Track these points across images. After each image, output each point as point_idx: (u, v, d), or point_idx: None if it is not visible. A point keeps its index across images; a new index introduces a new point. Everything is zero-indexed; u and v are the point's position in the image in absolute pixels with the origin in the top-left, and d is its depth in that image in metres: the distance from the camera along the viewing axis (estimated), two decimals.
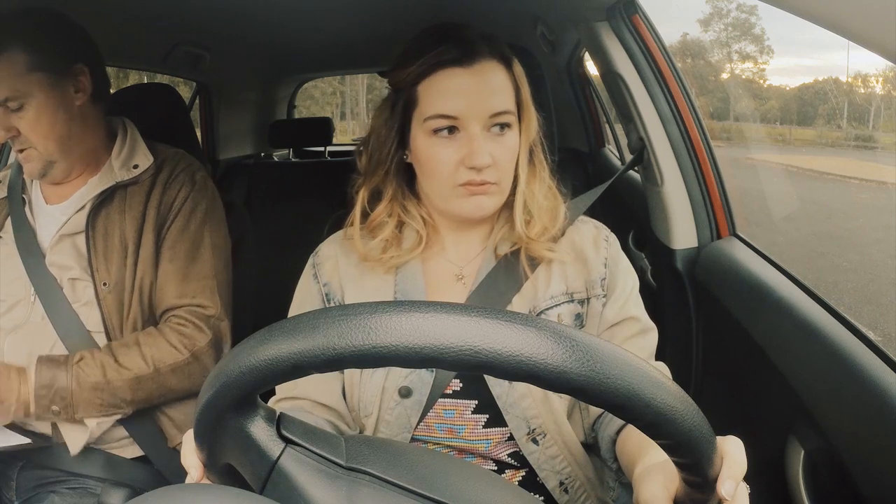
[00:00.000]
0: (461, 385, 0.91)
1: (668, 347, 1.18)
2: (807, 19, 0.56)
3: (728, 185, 1.46)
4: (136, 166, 1.25)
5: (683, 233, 1.46)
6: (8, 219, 1.25)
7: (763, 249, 1.32)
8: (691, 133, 1.45)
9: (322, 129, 3.22)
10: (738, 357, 1.24)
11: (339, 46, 2.51)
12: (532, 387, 0.88)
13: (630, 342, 0.92)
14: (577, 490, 0.92)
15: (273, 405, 0.91)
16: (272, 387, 0.53)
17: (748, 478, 0.55)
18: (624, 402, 0.46)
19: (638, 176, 1.65)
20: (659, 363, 0.93)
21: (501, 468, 0.93)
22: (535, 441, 0.90)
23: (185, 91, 2.80)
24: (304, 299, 0.97)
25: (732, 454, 0.53)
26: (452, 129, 0.86)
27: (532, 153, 0.93)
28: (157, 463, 1.23)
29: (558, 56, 2.11)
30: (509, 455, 0.92)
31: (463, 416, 0.91)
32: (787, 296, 1.12)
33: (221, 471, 0.59)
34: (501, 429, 0.91)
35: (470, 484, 0.59)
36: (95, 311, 1.19)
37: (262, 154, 3.20)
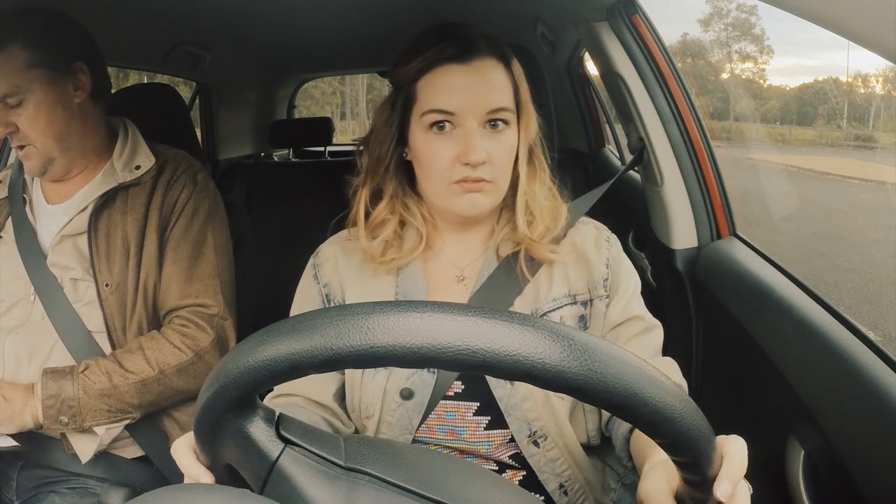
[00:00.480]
0: (463, 387, 0.91)
1: (669, 347, 1.17)
2: (807, 19, 0.55)
3: (728, 185, 1.46)
4: (139, 167, 1.25)
5: (683, 233, 1.46)
6: (8, 219, 1.25)
7: (763, 249, 1.32)
8: (691, 133, 1.45)
9: (322, 129, 3.22)
10: (738, 357, 1.24)
11: (339, 46, 2.51)
12: (534, 389, 0.88)
13: (635, 340, 0.92)
14: (577, 492, 0.92)
15: (268, 402, 0.91)
16: (271, 387, 0.53)
17: (748, 477, 0.55)
18: (622, 402, 0.46)
19: (638, 176, 1.65)
20: (666, 359, 0.92)
21: (502, 469, 0.93)
22: (536, 443, 0.90)
23: (185, 91, 2.80)
24: (305, 300, 0.97)
25: (732, 454, 0.53)
26: (449, 125, 0.86)
27: (532, 153, 0.93)
28: (158, 463, 1.23)
29: (558, 56, 2.11)
30: (510, 457, 0.92)
31: (464, 418, 0.91)
32: (787, 296, 1.12)
33: (221, 471, 0.59)
34: (503, 431, 0.91)
35: (469, 484, 0.59)
36: (97, 312, 1.19)
37: (262, 154, 3.20)
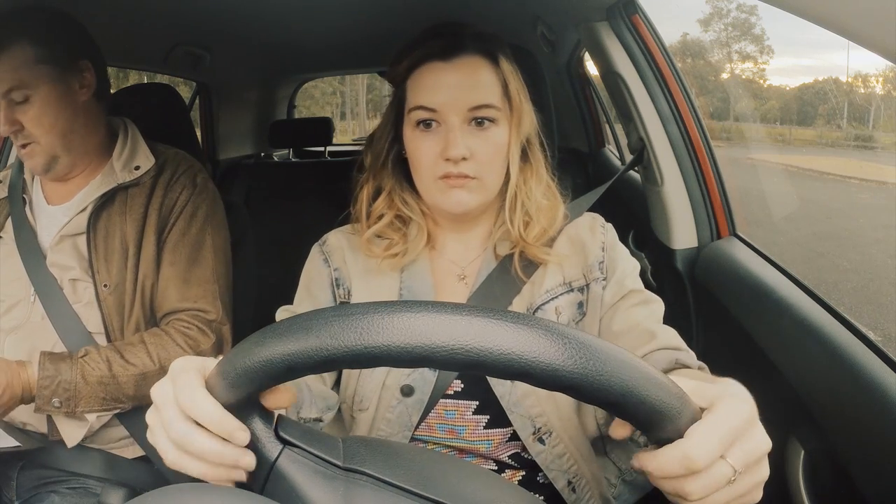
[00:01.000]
0: (462, 386, 0.91)
1: None
2: (807, 19, 0.55)
3: (728, 185, 1.46)
4: (138, 167, 1.25)
5: (683, 233, 1.45)
6: (8, 219, 1.25)
7: (763, 249, 1.32)
8: (691, 133, 1.44)
9: (322, 129, 3.22)
10: (738, 357, 1.24)
11: (339, 46, 2.51)
12: None
13: (634, 310, 0.91)
14: (584, 488, 0.92)
15: None
16: (268, 388, 0.53)
17: None
18: (618, 399, 0.46)
19: (638, 176, 1.65)
20: (669, 329, 0.88)
21: (501, 469, 0.93)
22: (542, 440, 0.90)
23: (185, 91, 2.80)
24: (312, 281, 0.97)
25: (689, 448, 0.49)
26: (433, 123, 0.88)
27: (527, 151, 0.93)
28: (158, 463, 1.22)
29: (558, 56, 2.11)
30: (510, 456, 0.92)
31: (464, 417, 0.91)
32: (787, 296, 1.12)
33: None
34: (503, 429, 0.91)
35: (468, 483, 0.59)
36: (95, 312, 1.19)
37: (262, 154, 3.20)
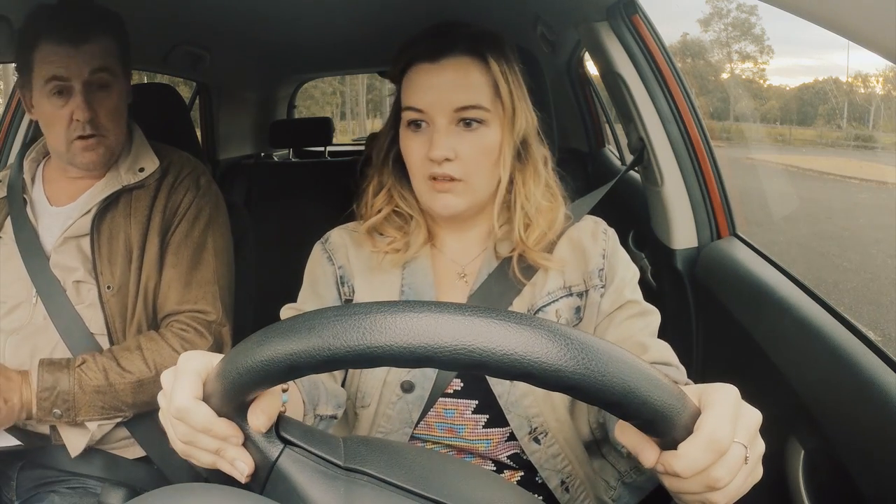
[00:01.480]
0: (462, 385, 0.91)
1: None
2: (807, 19, 0.55)
3: (728, 185, 1.46)
4: (142, 170, 1.25)
5: (683, 233, 1.45)
6: (7, 220, 1.24)
7: (763, 249, 1.32)
8: (691, 133, 1.44)
9: (322, 129, 3.22)
10: (738, 357, 1.24)
11: (339, 46, 2.51)
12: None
13: (630, 322, 0.91)
14: (578, 489, 0.92)
15: None
16: (270, 387, 0.53)
17: None
18: (620, 400, 0.46)
19: (638, 176, 1.65)
20: (662, 342, 0.90)
21: (500, 469, 0.93)
22: (537, 440, 0.90)
23: (185, 91, 2.80)
24: (317, 279, 0.97)
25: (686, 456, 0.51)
26: (422, 123, 0.88)
27: (524, 151, 0.92)
28: (159, 463, 1.23)
29: (558, 56, 2.11)
30: (508, 457, 0.93)
31: (463, 416, 0.91)
32: (787, 296, 1.12)
33: (221, 471, 0.59)
34: (501, 429, 0.91)
35: (468, 484, 0.59)
36: (98, 314, 1.18)
37: (262, 154, 3.20)
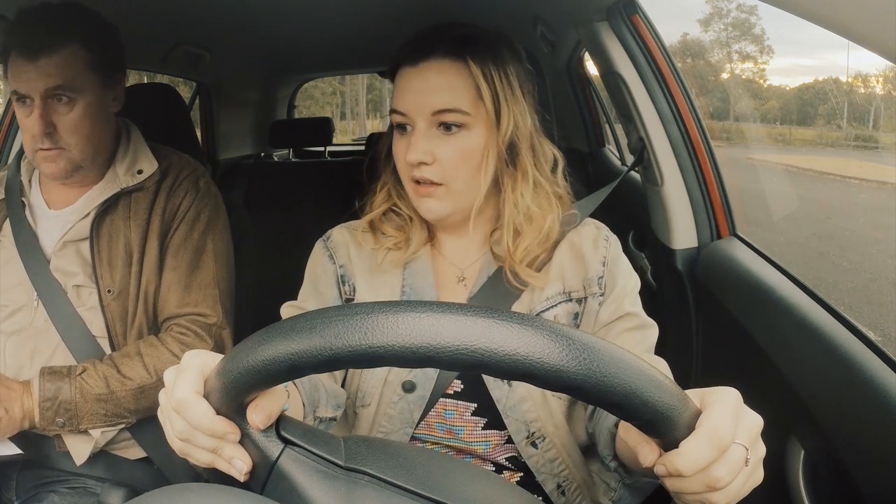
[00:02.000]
0: (462, 386, 0.91)
1: (668, 347, 1.17)
2: (807, 19, 0.55)
3: (728, 185, 1.46)
4: (141, 171, 1.23)
5: (683, 233, 1.45)
6: (6, 222, 1.23)
7: (763, 249, 1.32)
8: (691, 133, 1.44)
9: (322, 129, 3.22)
10: (738, 357, 1.24)
11: (339, 46, 2.51)
12: (532, 390, 0.88)
13: (627, 335, 0.90)
14: (574, 492, 0.92)
15: None
16: (271, 387, 0.53)
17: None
18: (621, 401, 0.46)
19: (638, 176, 1.65)
20: (657, 358, 0.90)
21: (499, 471, 0.93)
22: (535, 444, 0.90)
23: (185, 91, 2.80)
24: (318, 278, 0.97)
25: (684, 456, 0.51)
26: (407, 126, 0.88)
27: (513, 156, 0.89)
28: (160, 463, 1.23)
29: (558, 56, 2.11)
30: (507, 459, 0.93)
31: (463, 417, 0.91)
32: (787, 296, 1.12)
33: (221, 471, 0.59)
34: (500, 431, 0.91)
35: (469, 484, 0.59)
36: (99, 317, 1.18)
37: (262, 154, 3.20)
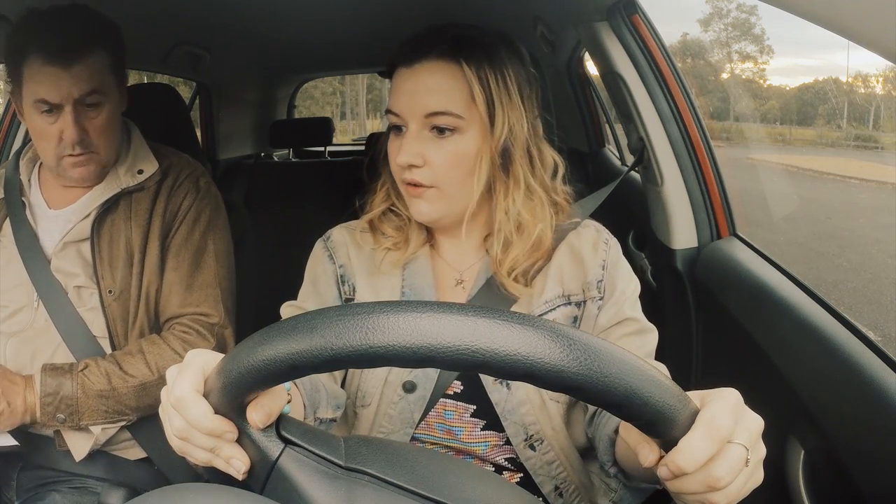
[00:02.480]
0: (462, 387, 0.91)
1: (668, 347, 1.17)
2: (807, 19, 0.55)
3: (728, 185, 1.46)
4: (141, 172, 1.24)
5: (683, 233, 1.45)
6: (6, 222, 1.22)
7: (763, 249, 1.32)
8: (691, 133, 1.44)
9: (322, 129, 3.22)
10: (738, 357, 1.24)
11: (339, 46, 2.51)
12: (531, 393, 0.88)
13: (626, 340, 0.90)
14: (572, 494, 0.92)
15: None
16: (271, 387, 0.53)
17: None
18: (622, 401, 0.46)
19: (638, 176, 1.65)
20: (657, 363, 0.89)
21: (498, 472, 0.93)
22: (533, 447, 0.90)
23: (185, 91, 2.80)
24: (318, 278, 0.97)
25: (684, 450, 0.51)
26: (402, 127, 0.88)
27: (507, 161, 0.87)
28: (159, 463, 1.23)
29: (558, 56, 2.11)
30: (506, 460, 0.93)
31: (462, 419, 0.92)
32: (787, 296, 1.12)
33: (219, 473, 0.59)
34: (499, 433, 0.91)
35: (469, 484, 0.59)
36: (100, 317, 1.18)
37: (262, 154, 3.20)
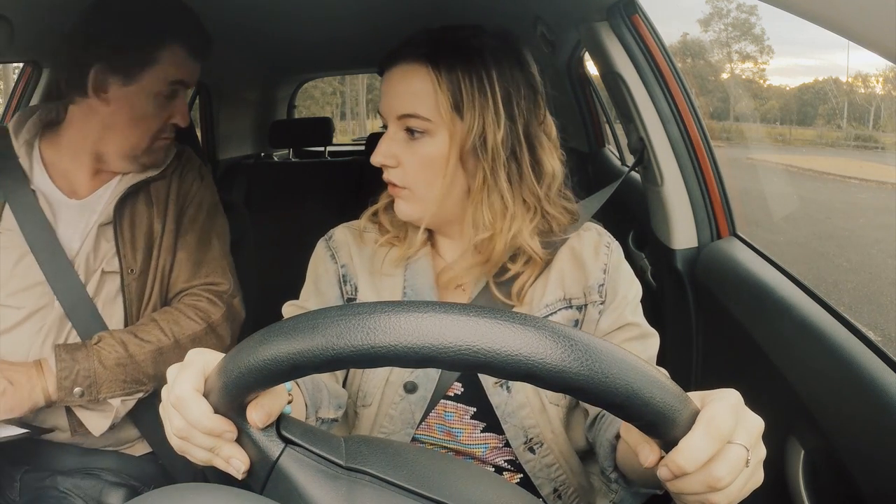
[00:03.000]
0: (462, 389, 0.91)
1: (669, 347, 1.17)
2: (807, 19, 0.55)
3: (728, 185, 1.46)
4: None
5: (683, 233, 1.45)
6: (5, 211, 1.17)
7: (763, 249, 1.32)
8: (691, 133, 1.44)
9: (322, 129, 3.22)
10: (738, 357, 1.24)
11: (339, 46, 2.51)
12: (531, 397, 0.89)
13: (627, 345, 0.90)
14: (571, 496, 0.92)
15: None
16: (271, 387, 0.53)
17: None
18: (623, 402, 0.46)
19: (638, 176, 1.65)
20: (658, 368, 0.90)
21: (498, 472, 0.93)
22: (532, 450, 0.90)
23: None
24: (320, 278, 0.97)
25: (687, 447, 0.52)
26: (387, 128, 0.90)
27: (478, 167, 0.87)
28: (165, 459, 1.23)
29: (558, 56, 2.11)
30: (506, 461, 0.93)
31: (462, 420, 0.92)
32: (787, 296, 1.12)
33: (221, 471, 0.59)
34: (498, 435, 0.91)
35: (469, 484, 0.59)
36: (119, 306, 1.19)
37: (262, 154, 3.20)
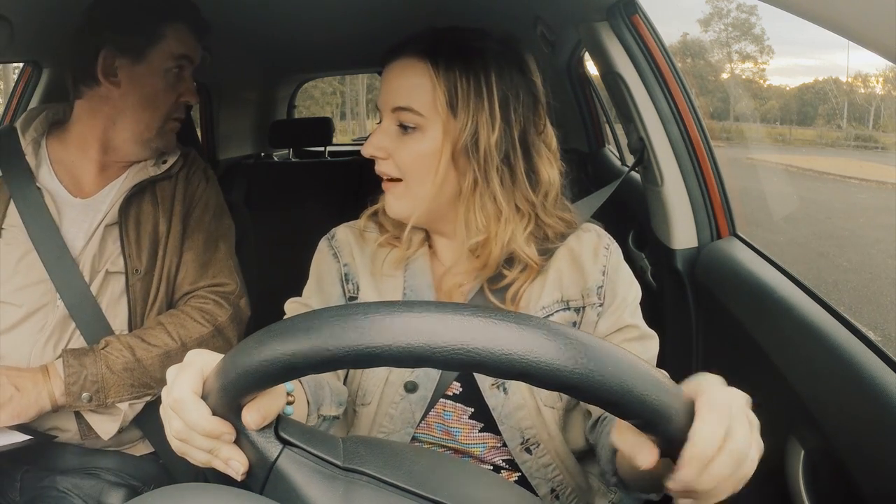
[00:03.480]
0: (461, 389, 0.91)
1: (669, 348, 1.17)
2: (807, 19, 0.55)
3: (728, 185, 1.46)
4: (165, 161, 1.29)
5: (683, 233, 1.45)
6: (10, 208, 1.17)
7: (763, 249, 1.32)
8: (691, 133, 1.44)
9: (322, 129, 3.22)
10: (739, 357, 1.24)
11: (339, 46, 2.51)
12: (527, 398, 0.89)
13: (626, 346, 0.89)
14: (569, 496, 0.92)
15: None
16: (269, 388, 0.53)
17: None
18: (618, 399, 0.46)
19: (638, 176, 1.65)
20: (659, 370, 0.89)
21: (496, 471, 0.93)
22: (529, 451, 0.90)
23: None
24: (322, 277, 0.98)
25: (697, 435, 0.51)
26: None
27: (468, 167, 0.87)
28: (166, 459, 1.23)
29: (558, 56, 2.11)
30: (503, 461, 0.93)
31: (460, 420, 0.92)
32: (787, 296, 1.12)
33: (220, 471, 0.59)
34: (496, 435, 0.91)
35: (468, 484, 0.60)
36: (123, 306, 1.19)
37: (262, 154, 3.20)
